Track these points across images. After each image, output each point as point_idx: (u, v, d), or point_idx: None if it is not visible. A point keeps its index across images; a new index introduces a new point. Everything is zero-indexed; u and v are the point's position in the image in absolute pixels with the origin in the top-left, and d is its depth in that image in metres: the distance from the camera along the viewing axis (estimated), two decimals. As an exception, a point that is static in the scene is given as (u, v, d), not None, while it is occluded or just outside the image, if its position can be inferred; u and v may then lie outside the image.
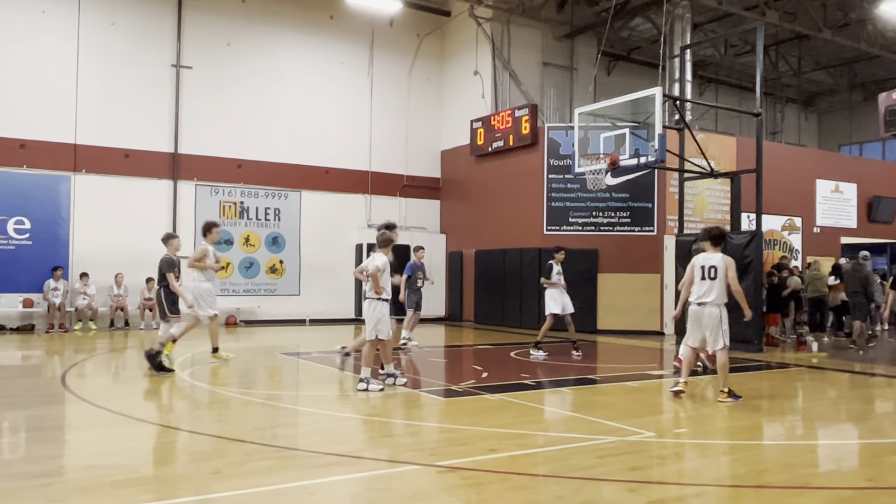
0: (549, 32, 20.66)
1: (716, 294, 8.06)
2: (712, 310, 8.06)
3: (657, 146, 12.13)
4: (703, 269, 8.16)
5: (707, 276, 8.12)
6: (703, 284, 8.14)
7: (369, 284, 8.48)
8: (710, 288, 8.09)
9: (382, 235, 8.74)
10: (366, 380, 8.41)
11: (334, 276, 20.04)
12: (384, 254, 8.60)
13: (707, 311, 8.09)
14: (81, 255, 16.81)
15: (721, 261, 8.10)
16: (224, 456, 5.61)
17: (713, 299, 8.07)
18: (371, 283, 8.42)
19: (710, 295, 8.07)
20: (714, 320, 8.05)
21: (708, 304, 8.08)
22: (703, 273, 8.16)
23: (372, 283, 8.41)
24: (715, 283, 8.06)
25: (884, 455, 5.98)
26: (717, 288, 8.05)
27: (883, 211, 21.49)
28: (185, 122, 18.21)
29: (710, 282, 8.09)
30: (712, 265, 8.11)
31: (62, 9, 16.90)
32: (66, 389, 8.60)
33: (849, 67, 25.94)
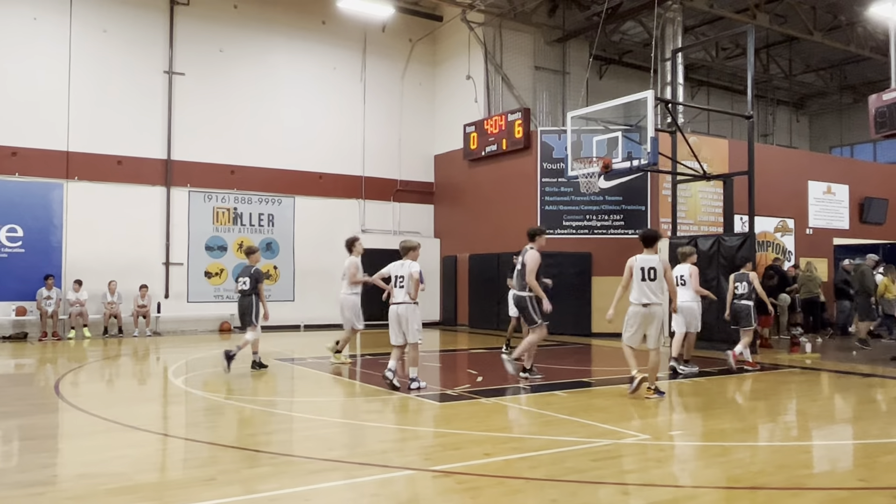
0: (541, 37, 20.72)
1: (657, 295, 8.38)
2: (657, 309, 8.35)
3: (649, 149, 12.16)
4: (643, 271, 8.36)
5: (647, 278, 8.33)
6: (642, 285, 8.34)
7: (403, 291, 8.83)
8: (650, 288, 8.33)
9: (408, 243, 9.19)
10: (417, 379, 8.88)
11: (329, 281, 19.94)
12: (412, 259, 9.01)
13: (654, 311, 8.36)
14: (74, 263, 16.76)
15: (659, 262, 8.39)
16: (218, 463, 5.59)
17: (657, 300, 8.35)
18: (413, 288, 8.81)
19: (653, 295, 8.33)
20: (659, 320, 8.40)
21: (652, 304, 8.31)
22: (643, 275, 8.35)
23: (414, 289, 8.80)
24: (655, 284, 8.32)
25: (876, 455, 6.01)
26: (660, 288, 8.37)
27: (875, 212, 21.57)
28: (178, 128, 18.19)
29: (650, 283, 8.32)
30: (651, 267, 8.34)
31: (54, 16, 16.88)
32: (60, 397, 8.57)
33: (839, 69, 26.08)
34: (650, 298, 8.30)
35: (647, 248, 8.49)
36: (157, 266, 17.91)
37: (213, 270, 18.68)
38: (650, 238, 8.56)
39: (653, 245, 8.52)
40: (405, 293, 8.87)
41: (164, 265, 17.99)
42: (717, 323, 13.48)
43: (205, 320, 18.48)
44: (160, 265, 17.95)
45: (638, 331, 8.42)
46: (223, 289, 18.75)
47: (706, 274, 13.69)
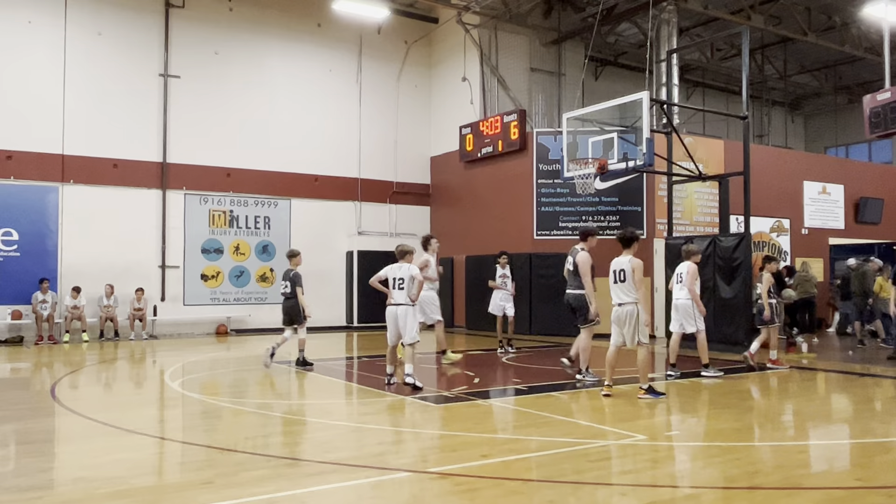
0: (537, 38, 20.73)
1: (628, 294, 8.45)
2: (627, 309, 8.46)
3: (645, 150, 12.19)
4: (615, 273, 8.57)
5: (618, 279, 8.55)
6: (615, 287, 8.58)
7: (404, 292, 9.07)
8: (621, 290, 8.51)
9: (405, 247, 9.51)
10: (412, 374, 9.06)
11: (325, 283, 20.01)
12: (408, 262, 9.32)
13: (625, 311, 8.48)
14: (70, 266, 16.73)
15: (629, 263, 8.50)
16: (215, 466, 5.58)
17: (628, 299, 8.46)
18: (416, 290, 9.16)
19: (624, 296, 8.48)
20: (632, 318, 8.43)
21: (625, 304, 8.49)
22: (614, 277, 8.57)
23: (416, 291, 9.16)
24: (625, 285, 8.48)
25: (873, 454, 6.02)
26: (629, 289, 8.45)
27: (870, 212, 21.64)
28: (174, 131, 18.17)
29: (621, 284, 8.52)
30: (621, 269, 8.52)
31: (48, 19, 16.85)
32: (56, 401, 8.55)
33: (833, 70, 26.15)
34: (620, 299, 8.51)
35: (625, 248, 8.65)
36: (154, 269, 17.88)
37: (210, 273, 18.66)
38: (626, 239, 8.70)
39: (630, 246, 8.65)
40: (404, 295, 9.07)
41: (161, 268, 17.96)
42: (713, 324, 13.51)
43: (201, 323, 18.45)
44: (156, 268, 17.92)
45: (618, 331, 8.58)
46: (219, 291, 18.73)
47: (702, 274, 13.72)
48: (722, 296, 13.39)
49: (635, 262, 8.51)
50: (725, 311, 13.34)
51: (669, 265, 13.98)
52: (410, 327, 9.07)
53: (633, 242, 8.73)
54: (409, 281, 9.07)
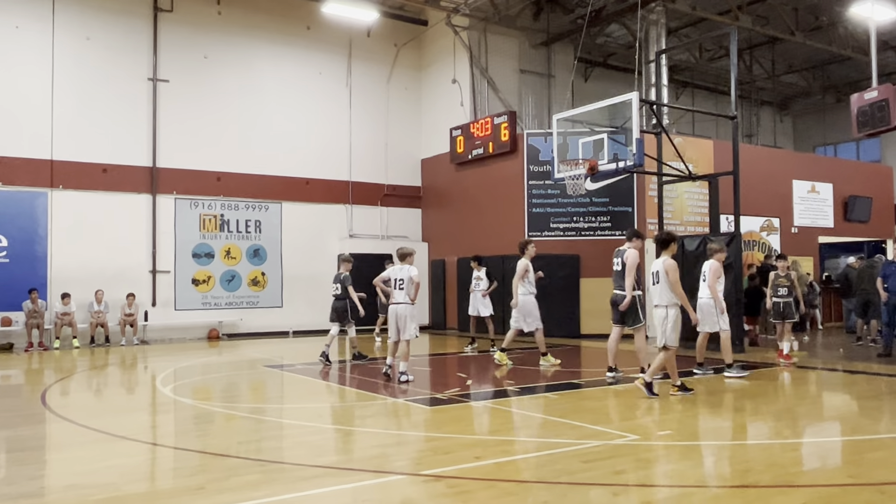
0: (526, 40, 20.79)
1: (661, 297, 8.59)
2: (660, 311, 8.61)
3: (635, 150, 12.22)
4: (652, 275, 8.78)
5: (654, 281, 8.76)
6: (652, 289, 8.78)
7: (402, 292, 9.67)
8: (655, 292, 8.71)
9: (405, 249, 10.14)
10: (406, 372, 9.78)
11: (317, 287, 19.93)
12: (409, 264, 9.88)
13: (655, 313, 8.71)
14: (60, 272, 16.63)
15: (662, 265, 8.65)
16: (208, 471, 5.56)
17: (658, 301, 8.64)
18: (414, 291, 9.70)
19: (657, 297, 8.66)
20: (660, 320, 8.62)
21: (658, 306, 8.67)
22: (652, 279, 8.78)
23: (414, 291, 9.70)
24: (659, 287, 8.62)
25: (864, 452, 6.06)
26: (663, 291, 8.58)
27: (859, 210, 21.78)
28: (163, 135, 18.11)
29: (655, 286, 8.71)
30: (656, 270, 8.70)
31: (36, 24, 16.77)
32: (47, 408, 8.50)
33: (821, 70, 26.32)
34: (654, 300, 8.71)
35: (662, 250, 8.78)
36: (144, 274, 17.80)
37: (201, 278, 18.59)
38: (662, 241, 8.86)
39: (666, 248, 8.76)
40: (405, 294, 9.68)
41: (151, 273, 17.89)
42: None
43: (193, 328, 18.38)
44: (147, 273, 17.84)
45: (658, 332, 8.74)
46: (211, 296, 18.67)
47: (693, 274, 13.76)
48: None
49: (668, 263, 8.58)
50: (716, 311, 13.35)
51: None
52: (409, 325, 9.67)
53: (670, 244, 8.80)
54: (407, 282, 9.63)
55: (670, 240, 8.85)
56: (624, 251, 9.84)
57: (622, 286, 9.88)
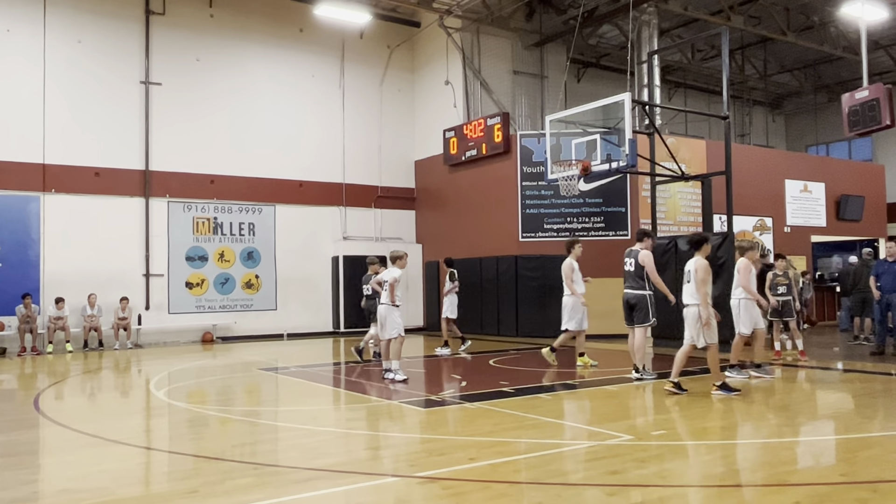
0: (519, 41, 20.81)
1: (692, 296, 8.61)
2: (692, 310, 8.64)
3: (628, 151, 12.24)
4: (686, 274, 8.74)
5: (685, 280, 8.76)
6: (685, 288, 8.78)
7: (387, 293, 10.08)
8: (687, 291, 8.71)
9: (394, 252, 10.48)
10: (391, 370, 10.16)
11: (311, 289, 19.97)
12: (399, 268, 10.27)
13: (686, 312, 8.73)
14: (53, 276, 16.57)
15: (693, 264, 8.64)
16: (201, 475, 5.55)
17: (689, 301, 8.67)
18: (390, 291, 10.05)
19: (689, 297, 8.68)
20: (692, 320, 8.62)
21: (689, 305, 8.70)
22: (686, 277, 8.75)
23: (390, 293, 10.06)
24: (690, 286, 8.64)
25: (857, 450, 6.07)
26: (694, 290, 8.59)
27: (851, 209, 21.87)
28: (156, 138, 18.07)
29: (686, 285, 8.72)
30: (688, 269, 8.69)
31: (27, 27, 16.72)
32: (40, 413, 8.47)
33: (813, 69, 26.42)
34: (685, 300, 8.73)
35: (696, 251, 8.77)
36: (137, 278, 17.76)
37: (195, 281, 18.55)
38: (695, 243, 8.85)
39: (699, 249, 8.74)
40: (387, 295, 10.14)
41: (145, 276, 17.84)
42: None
43: (187, 331, 18.34)
44: (140, 277, 17.80)
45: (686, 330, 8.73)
46: (204, 299, 18.63)
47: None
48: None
49: (700, 263, 8.56)
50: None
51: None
52: (389, 324, 10.13)
53: (703, 245, 8.79)
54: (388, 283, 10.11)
55: (704, 241, 8.81)
56: (637, 252, 10.03)
57: (633, 286, 10.10)
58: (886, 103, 10.79)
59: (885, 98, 10.80)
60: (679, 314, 11.72)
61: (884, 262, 12.71)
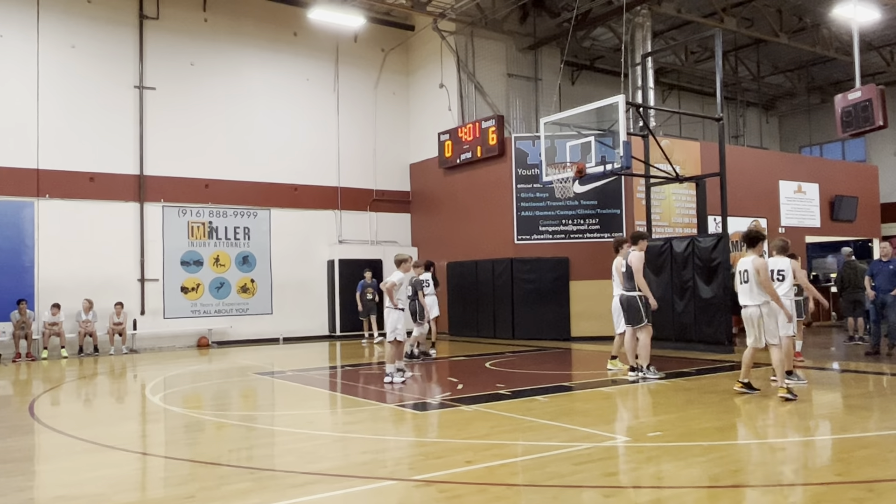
0: (513, 44, 20.85)
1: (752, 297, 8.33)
2: (752, 311, 8.38)
3: (622, 153, 12.29)
4: (740, 274, 8.48)
5: (742, 280, 8.46)
6: (741, 288, 8.47)
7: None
8: (745, 291, 8.40)
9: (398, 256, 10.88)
10: (392, 374, 10.35)
11: (307, 293, 19.94)
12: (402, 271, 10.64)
13: (750, 313, 8.42)
14: (47, 282, 16.52)
15: (751, 264, 8.34)
16: (198, 480, 5.54)
17: (752, 301, 8.36)
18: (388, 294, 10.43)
19: (748, 298, 8.38)
20: (756, 319, 8.36)
21: (748, 306, 8.41)
22: (740, 278, 8.48)
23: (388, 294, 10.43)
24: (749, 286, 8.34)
25: (852, 450, 6.09)
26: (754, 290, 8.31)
27: (845, 209, 21.94)
28: (150, 143, 18.04)
29: (744, 285, 8.41)
30: (744, 269, 8.40)
31: (21, 32, 16.68)
32: (35, 419, 8.44)
33: (806, 70, 26.52)
34: (744, 301, 8.44)
35: (750, 248, 8.49)
36: (132, 283, 17.71)
37: (190, 285, 18.51)
38: (751, 239, 8.53)
39: (755, 246, 8.46)
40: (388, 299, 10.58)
41: (140, 281, 17.80)
42: (693, 323, 13.63)
43: (182, 336, 18.30)
44: (135, 282, 17.76)
45: (750, 331, 8.49)
46: (200, 304, 18.59)
47: (682, 275, 13.85)
48: (702, 296, 13.50)
49: (759, 262, 8.29)
50: (705, 312, 13.45)
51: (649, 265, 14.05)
52: (390, 325, 10.49)
53: (759, 242, 8.50)
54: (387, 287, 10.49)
55: (759, 238, 8.52)
56: (628, 253, 10.16)
57: (627, 287, 10.12)
58: (879, 104, 10.82)
59: (878, 99, 10.84)
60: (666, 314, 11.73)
61: (878, 262, 12.76)
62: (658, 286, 14.11)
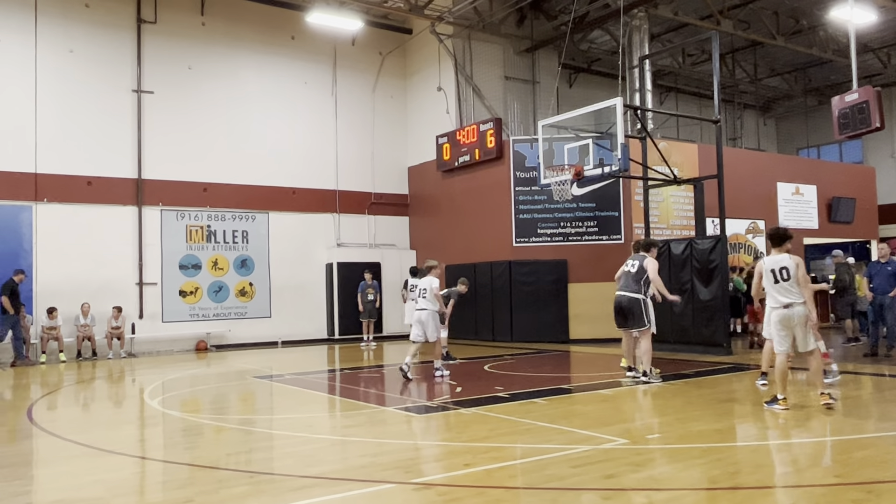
0: (510, 47, 20.88)
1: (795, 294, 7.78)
2: (799, 310, 7.77)
3: (620, 155, 12.30)
4: (774, 273, 7.85)
5: (780, 279, 7.81)
6: (776, 287, 7.84)
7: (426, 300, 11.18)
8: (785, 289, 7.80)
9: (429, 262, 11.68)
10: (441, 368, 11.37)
11: (305, 296, 19.93)
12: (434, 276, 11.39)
13: (795, 312, 7.78)
14: (46, 286, 16.50)
15: (791, 260, 7.82)
16: (196, 484, 5.53)
17: (798, 300, 7.77)
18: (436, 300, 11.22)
19: (791, 296, 7.78)
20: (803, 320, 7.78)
21: (794, 304, 7.78)
22: (773, 276, 7.85)
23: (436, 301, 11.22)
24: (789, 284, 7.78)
25: (851, 451, 6.10)
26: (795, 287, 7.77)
27: (843, 211, 21.97)
28: (148, 147, 18.04)
29: (784, 283, 7.80)
30: (783, 266, 7.81)
31: (19, 37, 16.68)
32: (33, 423, 8.42)
33: (803, 72, 26.56)
34: (788, 299, 7.76)
35: (777, 247, 7.98)
36: (131, 286, 17.69)
37: (188, 289, 18.50)
38: (778, 237, 8.01)
39: (782, 244, 7.95)
40: (426, 302, 11.18)
41: (138, 285, 17.78)
42: (691, 326, 13.64)
43: (181, 340, 18.28)
44: (133, 285, 17.74)
45: (786, 335, 7.85)
46: (198, 307, 18.57)
47: (680, 277, 13.86)
48: (700, 298, 13.51)
49: (796, 258, 7.81)
50: (704, 314, 13.47)
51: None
52: (430, 329, 11.12)
53: (786, 240, 7.97)
54: (430, 291, 11.19)
55: (787, 236, 8.02)
56: (644, 257, 10.11)
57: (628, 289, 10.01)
58: (876, 106, 10.84)
59: (875, 101, 10.86)
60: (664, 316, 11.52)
61: (876, 264, 12.77)
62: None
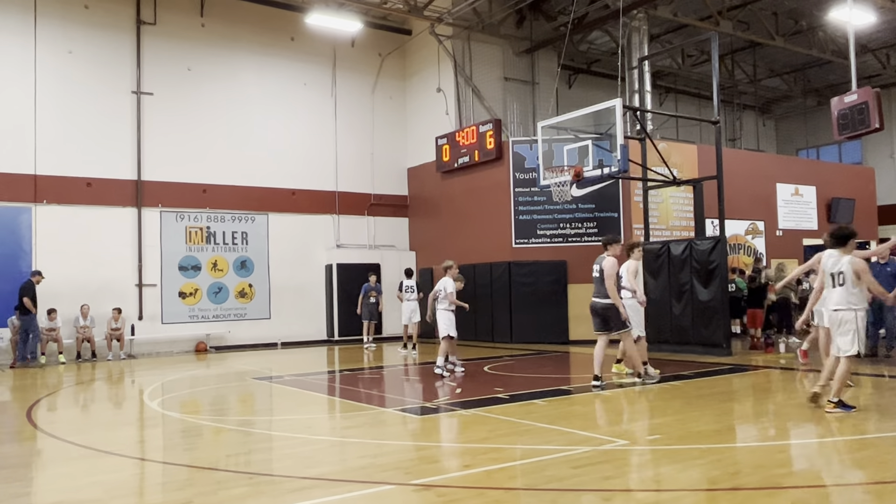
0: (510, 48, 20.88)
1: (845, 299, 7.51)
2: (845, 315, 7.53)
3: (620, 156, 12.30)
4: (833, 277, 7.61)
5: (836, 283, 7.58)
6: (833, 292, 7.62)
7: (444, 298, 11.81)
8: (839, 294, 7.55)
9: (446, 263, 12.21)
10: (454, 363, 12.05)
11: (305, 297, 19.93)
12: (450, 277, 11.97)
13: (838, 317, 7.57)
14: (45, 287, 16.41)
15: (849, 264, 7.48)
16: (195, 485, 5.53)
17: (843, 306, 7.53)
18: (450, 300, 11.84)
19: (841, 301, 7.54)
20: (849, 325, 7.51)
21: (840, 310, 7.54)
22: (832, 281, 7.62)
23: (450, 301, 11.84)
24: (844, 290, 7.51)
25: (850, 451, 6.10)
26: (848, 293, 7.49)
27: (842, 212, 21.96)
28: (148, 148, 18.04)
29: (839, 288, 7.55)
30: (840, 270, 7.53)
31: (18, 38, 16.68)
32: (33, 425, 8.42)
33: (802, 73, 26.58)
34: (836, 304, 7.57)
35: (840, 248, 7.59)
36: (130, 288, 17.69)
37: (188, 290, 18.49)
38: (841, 237, 7.60)
39: (845, 245, 7.54)
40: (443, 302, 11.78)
41: (137, 287, 17.78)
42: (691, 326, 13.64)
43: (180, 341, 18.28)
44: (133, 287, 17.73)
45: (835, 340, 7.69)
46: (198, 309, 18.56)
47: (679, 278, 13.86)
48: (699, 298, 13.51)
49: (858, 263, 7.39)
50: (703, 314, 13.47)
51: (646, 268, 14.08)
52: (442, 326, 11.77)
53: (850, 240, 7.56)
54: (443, 293, 11.77)
55: (851, 235, 7.60)
56: (603, 258, 9.77)
57: (600, 294, 9.77)
58: (875, 106, 10.85)
59: (874, 101, 10.86)
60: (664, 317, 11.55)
61: (875, 265, 12.75)
62: (656, 289, 14.14)
